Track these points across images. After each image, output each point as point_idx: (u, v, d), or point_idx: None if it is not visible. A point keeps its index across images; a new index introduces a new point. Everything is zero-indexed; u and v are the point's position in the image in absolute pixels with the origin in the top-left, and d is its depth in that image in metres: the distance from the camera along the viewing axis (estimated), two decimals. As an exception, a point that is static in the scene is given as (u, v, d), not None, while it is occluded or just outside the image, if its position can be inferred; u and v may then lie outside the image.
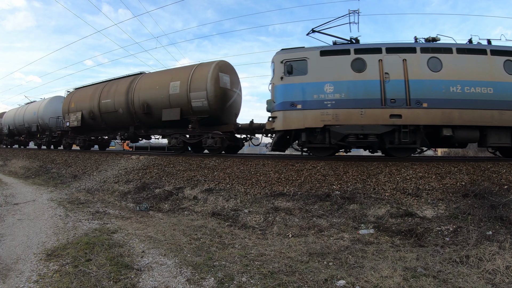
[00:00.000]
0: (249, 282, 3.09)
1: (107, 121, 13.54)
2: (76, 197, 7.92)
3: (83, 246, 4.01)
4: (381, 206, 5.51)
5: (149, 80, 12.10)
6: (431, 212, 5.15)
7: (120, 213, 6.26)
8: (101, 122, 13.74)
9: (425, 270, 3.27)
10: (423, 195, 5.70)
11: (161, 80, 11.50)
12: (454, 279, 3.03)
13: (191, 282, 3.10)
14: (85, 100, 14.36)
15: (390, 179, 6.39)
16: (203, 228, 5.16)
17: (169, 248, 4.10)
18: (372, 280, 3.04)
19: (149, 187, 8.12)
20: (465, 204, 5.18)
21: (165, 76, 11.59)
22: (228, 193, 6.96)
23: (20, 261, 3.65)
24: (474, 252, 3.59)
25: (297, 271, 3.37)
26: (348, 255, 3.86)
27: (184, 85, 10.61)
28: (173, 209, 6.68)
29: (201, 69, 10.56)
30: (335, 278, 3.13)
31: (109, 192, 8.33)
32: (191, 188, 7.53)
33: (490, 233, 4.34)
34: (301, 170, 7.39)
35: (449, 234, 4.54)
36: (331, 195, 6.09)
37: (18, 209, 6.50)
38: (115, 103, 12.73)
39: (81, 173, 10.78)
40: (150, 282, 3.08)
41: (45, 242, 4.34)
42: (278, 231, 5.12)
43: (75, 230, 4.90)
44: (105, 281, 3.06)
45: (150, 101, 11.47)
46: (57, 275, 3.22)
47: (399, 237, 4.60)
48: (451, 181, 5.98)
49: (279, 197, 6.39)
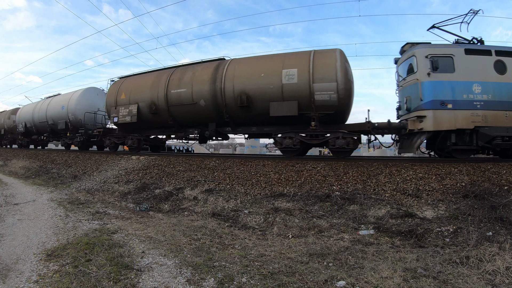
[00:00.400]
0: (249, 282, 3.09)
1: (177, 115, 10.91)
2: (76, 197, 7.92)
3: (83, 247, 4.01)
4: (381, 207, 5.51)
5: (247, 66, 9.83)
6: (431, 213, 5.15)
7: (120, 214, 6.26)
8: (167, 117, 11.04)
9: (425, 271, 3.27)
10: (423, 196, 5.70)
11: (267, 66, 9.36)
12: (454, 280, 3.03)
13: (191, 282, 3.10)
14: (142, 90, 11.59)
15: (390, 180, 6.39)
16: (203, 229, 5.16)
17: (169, 249, 4.10)
18: (372, 280, 3.04)
19: (149, 187, 8.13)
20: (465, 205, 5.18)
21: (272, 62, 9.42)
22: (228, 193, 6.96)
23: (20, 261, 3.65)
24: (474, 253, 3.59)
25: (297, 271, 3.37)
26: (348, 255, 3.85)
27: (304, 74, 8.66)
28: (173, 210, 6.68)
29: (323, 57, 8.84)
30: (335, 279, 3.13)
31: (109, 193, 8.33)
32: (191, 188, 7.54)
33: (490, 234, 4.34)
34: (301, 171, 7.39)
35: (449, 235, 4.53)
36: (331, 195, 6.09)
37: (18, 209, 6.50)
38: (194, 93, 10.21)
39: (81, 173, 10.78)
40: (150, 283, 3.08)
41: (45, 242, 4.34)
42: (278, 232, 5.12)
43: (75, 230, 4.90)
44: (105, 281, 3.06)
45: (251, 91, 9.27)
46: (57, 275, 3.22)
47: (399, 238, 4.60)
48: (451, 182, 5.98)
49: (279, 197, 6.39)
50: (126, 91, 12.13)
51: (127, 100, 11.98)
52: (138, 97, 11.64)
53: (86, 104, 15.82)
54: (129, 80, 12.76)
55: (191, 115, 10.60)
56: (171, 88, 10.72)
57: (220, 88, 9.75)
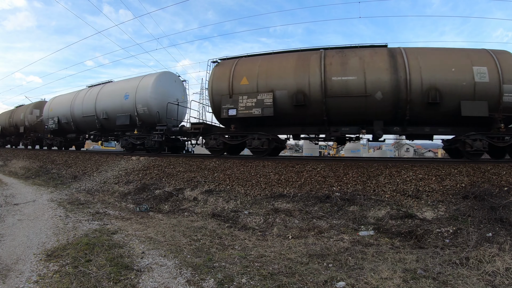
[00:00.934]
0: (249, 283, 3.09)
1: (335, 109, 8.83)
2: (76, 197, 7.92)
3: (83, 247, 4.01)
4: (381, 208, 5.51)
5: (433, 57, 8.55)
6: (431, 214, 5.15)
7: (120, 214, 6.26)
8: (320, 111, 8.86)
9: (425, 271, 3.27)
10: (423, 196, 5.70)
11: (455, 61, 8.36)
12: (454, 281, 3.03)
13: (191, 283, 3.10)
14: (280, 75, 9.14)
15: (390, 181, 6.39)
16: (203, 229, 5.16)
17: (169, 249, 4.11)
18: (372, 281, 3.04)
19: (149, 188, 8.13)
20: (465, 206, 5.19)
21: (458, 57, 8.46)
22: (228, 194, 6.96)
23: (20, 262, 3.65)
24: (474, 254, 3.59)
25: (297, 272, 3.37)
26: (348, 256, 3.86)
27: (493, 74, 8.05)
28: (173, 210, 6.68)
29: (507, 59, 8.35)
30: (335, 280, 3.13)
31: (109, 193, 8.33)
32: (191, 189, 7.54)
33: (490, 235, 4.34)
34: (301, 172, 7.40)
35: (449, 236, 4.54)
36: (331, 196, 6.09)
37: (18, 209, 6.50)
38: (368, 83, 8.43)
39: (81, 173, 10.79)
40: (150, 283, 3.08)
41: (45, 243, 4.34)
42: (278, 233, 5.12)
43: (75, 231, 4.91)
44: (105, 281, 3.06)
45: (441, 87, 8.19)
46: (57, 275, 3.22)
47: (399, 239, 4.60)
48: (451, 182, 5.99)
49: (279, 198, 6.40)
50: (249, 75, 9.45)
51: (252, 86, 9.34)
52: (274, 83, 9.13)
53: (163, 92, 12.15)
54: (248, 61, 9.98)
55: (356, 109, 8.70)
56: (332, 75, 8.66)
57: (404, 79, 8.31)
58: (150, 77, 12.47)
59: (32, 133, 19.18)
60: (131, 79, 13.52)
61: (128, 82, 13.32)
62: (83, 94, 14.92)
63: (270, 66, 9.44)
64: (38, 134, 18.77)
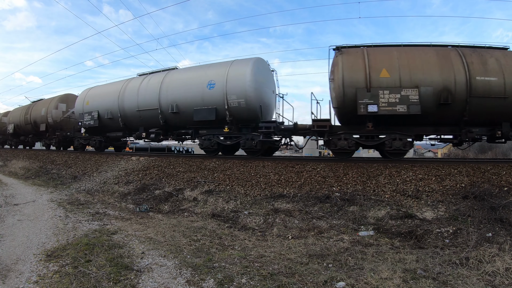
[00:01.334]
0: (248, 283, 3.09)
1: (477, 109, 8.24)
2: (76, 198, 7.92)
3: (83, 247, 4.01)
4: (381, 208, 5.52)
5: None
6: (431, 214, 5.15)
7: (120, 214, 6.26)
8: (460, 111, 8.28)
9: (425, 272, 3.27)
10: (423, 197, 5.70)
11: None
12: (454, 281, 3.03)
13: (190, 283, 3.10)
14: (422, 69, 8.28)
15: (390, 181, 6.39)
16: (203, 230, 5.16)
17: (169, 249, 4.11)
18: (371, 281, 3.04)
19: (149, 188, 8.13)
20: (465, 206, 5.19)
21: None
22: (228, 194, 6.96)
23: (20, 262, 3.65)
24: (473, 254, 3.59)
25: (297, 272, 3.37)
26: (347, 256, 3.86)
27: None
28: (173, 211, 6.68)
29: None
30: (334, 280, 3.13)
31: (109, 193, 8.33)
32: (191, 189, 7.54)
33: (489, 235, 4.34)
34: (301, 172, 7.40)
35: (449, 236, 4.54)
36: (331, 196, 6.09)
37: (18, 209, 6.50)
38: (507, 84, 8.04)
39: (81, 174, 10.78)
40: (150, 283, 3.08)
41: (45, 243, 4.34)
42: (278, 233, 5.12)
43: (75, 231, 4.91)
44: (105, 282, 3.06)
45: None
46: (57, 275, 3.22)
47: (399, 239, 4.60)
48: (451, 183, 5.99)
49: (279, 198, 6.40)
50: (389, 67, 8.39)
51: (394, 80, 8.29)
52: (419, 78, 8.23)
53: (261, 83, 10.04)
54: (380, 51, 8.92)
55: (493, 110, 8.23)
56: (476, 74, 8.10)
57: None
58: (244, 63, 10.12)
59: (57, 131, 16.00)
60: (213, 65, 11.05)
61: (210, 69, 10.82)
62: (137, 84, 12.15)
63: (411, 59, 8.47)
64: (67, 133, 15.63)
